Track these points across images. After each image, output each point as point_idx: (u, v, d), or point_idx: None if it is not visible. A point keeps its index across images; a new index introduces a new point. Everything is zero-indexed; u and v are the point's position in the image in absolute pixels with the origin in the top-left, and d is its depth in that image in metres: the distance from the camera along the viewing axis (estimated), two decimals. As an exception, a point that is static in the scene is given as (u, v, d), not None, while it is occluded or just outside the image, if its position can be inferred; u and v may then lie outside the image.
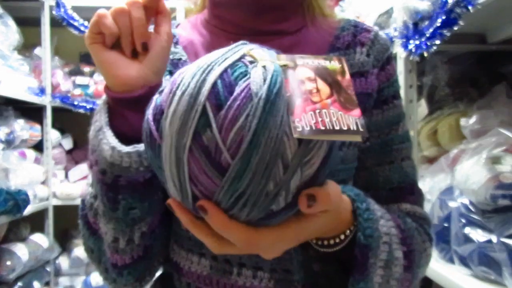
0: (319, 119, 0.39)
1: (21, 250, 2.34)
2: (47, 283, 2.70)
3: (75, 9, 2.70)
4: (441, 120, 1.35)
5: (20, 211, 2.15)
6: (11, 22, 2.38)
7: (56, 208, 2.72)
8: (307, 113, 0.39)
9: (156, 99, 0.43)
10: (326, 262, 0.61)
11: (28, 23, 2.59)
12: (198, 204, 0.40)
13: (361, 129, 0.40)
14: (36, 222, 2.65)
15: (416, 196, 0.68)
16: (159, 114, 0.41)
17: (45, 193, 2.64)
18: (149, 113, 0.43)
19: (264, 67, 0.40)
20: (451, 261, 1.07)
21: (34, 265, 2.49)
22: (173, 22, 0.71)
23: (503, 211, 0.96)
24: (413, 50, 1.14)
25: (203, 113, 0.38)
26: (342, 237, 0.53)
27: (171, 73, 0.65)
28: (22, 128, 2.38)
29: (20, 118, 2.44)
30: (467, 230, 1.00)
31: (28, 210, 2.25)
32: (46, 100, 2.68)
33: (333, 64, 0.43)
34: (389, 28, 1.37)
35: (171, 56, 0.66)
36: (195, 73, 0.40)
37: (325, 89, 0.41)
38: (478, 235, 0.98)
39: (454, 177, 1.09)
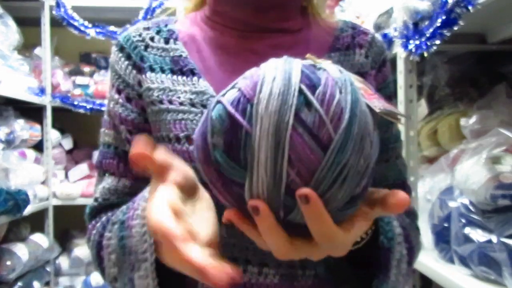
0: (382, 102, 0.44)
1: (21, 250, 2.34)
2: (47, 283, 2.70)
3: (75, 9, 2.70)
4: (441, 120, 1.35)
5: (20, 211, 2.15)
6: (11, 22, 2.38)
7: (56, 208, 2.72)
8: (372, 99, 0.44)
9: (226, 99, 0.42)
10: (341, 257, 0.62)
11: (28, 23, 2.59)
12: (299, 194, 0.38)
13: (404, 114, 0.47)
14: (36, 222, 2.65)
15: (407, 192, 0.71)
16: (244, 103, 0.41)
17: (45, 193, 2.64)
18: (225, 106, 0.41)
19: (329, 63, 0.44)
20: (451, 261, 1.07)
21: (34, 265, 2.49)
22: (171, 18, 0.71)
23: (503, 211, 0.96)
24: (413, 50, 1.14)
25: (300, 93, 0.40)
26: (363, 235, 0.54)
27: (172, 71, 0.65)
28: (22, 128, 2.38)
29: (20, 118, 2.44)
30: (467, 230, 1.00)
31: (28, 210, 2.25)
32: (46, 100, 2.68)
33: (358, 78, 0.48)
34: (389, 28, 1.37)
35: (171, 53, 0.66)
36: (276, 66, 0.42)
37: (368, 88, 0.46)
38: (478, 235, 0.98)
39: (454, 177, 1.09)
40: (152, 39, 0.67)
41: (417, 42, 1.12)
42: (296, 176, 0.39)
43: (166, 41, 0.67)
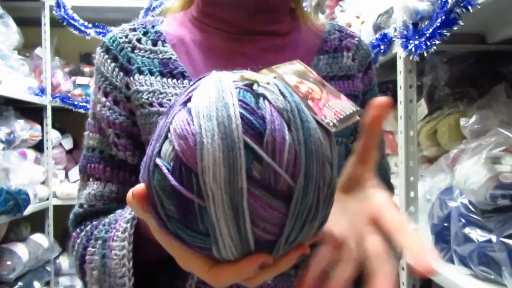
0: (334, 111, 0.41)
1: (21, 250, 2.35)
2: (47, 283, 2.70)
3: (75, 9, 2.70)
4: (441, 120, 1.35)
5: (20, 211, 2.15)
6: (11, 22, 2.38)
7: (56, 208, 2.73)
8: (322, 109, 0.40)
9: (164, 162, 0.37)
10: None
11: (28, 23, 2.60)
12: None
13: (357, 108, 0.44)
14: (36, 222, 2.65)
15: (391, 191, 0.75)
16: (187, 173, 0.36)
17: (45, 193, 2.64)
18: (167, 177, 0.36)
19: (268, 83, 0.39)
20: (451, 261, 1.07)
21: (34, 265, 2.49)
22: (157, 19, 0.70)
23: (503, 210, 0.96)
24: (413, 50, 1.14)
25: (246, 149, 0.35)
26: None
27: (161, 73, 0.64)
28: (22, 128, 2.39)
29: (20, 118, 2.44)
30: (467, 230, 1.00)
31: (28, 210, 2.26)
32: (46, 100, 2.68)
33: (300, 65, 0.45)
34: (389, 28, 1.37)
35: (159, 56, 0.65)
36: (209, 115, 0.36)
37: (314, 87, 0.42)
38: (478, 235, 0.98)
39: (454, 177, 1.09)
40: (139, 40, 0.66)
41: (417, 42, 1.12)
42: (263, 233, 0.37)
43: (154, 43, 0.66)
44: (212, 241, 0.37)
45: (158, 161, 0.37)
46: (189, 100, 0.38)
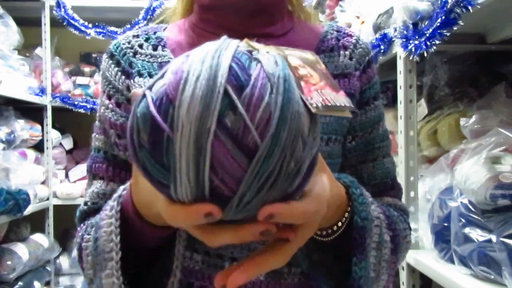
0: (323, 97, 0.41)
1: (21, 250, 2.35)
2: (48, 283, 2.70)
3: (75, 9, 2.71)
4: (441, 120, 1.35)
5: (20, 210, 2.15)
6: (11, 22, 2.39)
7: (56, 208, 2.73)
8: (312, 92, 0.41)
9: (152, 93, 0.40)
10: (324, 251, 0.63)
11: (28, 23, 2.60)
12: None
13: (352, 106, 0.45)
14: (37, 222, 2.65)
15: (396, 191, 0.73)
16: (166, 104, 0.38)
17: (46, 193, 2.65)
18: (149, 105, 0.39)
19: (268, 52, 0.40)
20: (451, 261, 1.07)
21: (34, 265, 2.49)
22: (160, 26, 0.73)
23: (502, 210, 0.97)
24: (413, 50, 1.15)
25: (225, 95, 0.37)
26: (339, 224, 0.56)
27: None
28: (22, 128, 2.39)
29: (21, 118, 2.44)
30: (467, 230, 1.00)
31: (28, 210, 2.26)
32: (46, 100, 2.68)
33: (311, 56, 0.46)
34: (389, 28, 1.37)
35: (159, 59, 0.68)
36: (203, 59, 0.38)
37: (315, 74, 0.43)
38: (477, 235, 0.98)
39: (454, 177, 1.09)
40: (141, 46, 0.69)
41: (417, 42, 1.12)
42: (220, 183, 0.38)
43: (154, 48, 0.69)
44: (172, 177, 0.38)
45: (146, 92, 0.39)
46: None
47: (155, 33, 0.71)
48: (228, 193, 0.38)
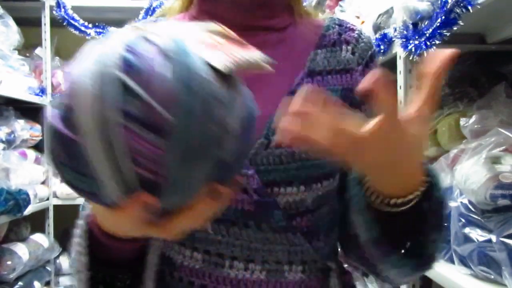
0: (230, 55, 0.40)
1: (21, 250, 2.35)
2: (48, 283, 2.70)
3: (75, 9, 2.70)
4: (441, 120, 1.35)
5: (20, 210, 2.15)
6: (11, 22, 2.38)
7: (57, 208, 2.73)
8: (217, 53, 0.39)
9: (54, 107, 0.38)
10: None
11: (28, 23, 2.60)
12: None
13: (266, 59, 0.42)
14: (37, 221, 2.65)
15: None
16: (66, 112, 0.36)
17: (46, 193, 2.65)
18: (51, 116, 0.37)
19: (160, 30, 0.40)
20: (451, 261, 1.07)
21: (34, 265, 2.49)
22: (159, 19, 0.72)
23: (502, 210, 0.97)
24: (413, 50, 1.15)
25: (122, 85, 0.35)
26: (418, 193, 0.51)
27: None
28: (22, 128, 2.39)
29: (21, 118, 2.44)
30: (467, 229, 1.00)
31: (28, 210, 2.26)
32: (46, 100, 2.68)
33: (213, 25, 0.44)
34: (389, 28, 1.37)
35: None
36: (93, 56, 0.37)
37: (221, 40, 0.42)
38: (477, 235, 0.98)
39: (454, 177, 1.09)
40: None
41: (417, 42, 1.12)
42: (145, 171, 0.36)
43: None
44: (98, 183, 0.37)
45: (48, 107, 0.39)
46: None
47: None
48: (157, 179, 0.37)
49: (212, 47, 0.40)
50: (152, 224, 0.41)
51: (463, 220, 1.02)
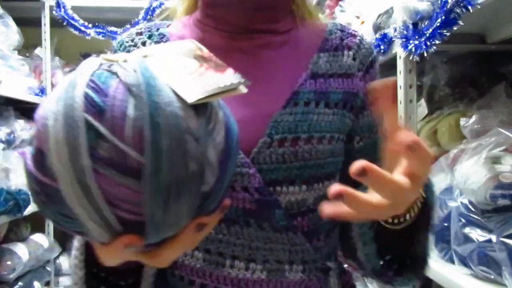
0: (202, 84, 0.38)
1: (21, 250, 2.35)
2: (48, 283, 2.70)
3: (75, 9, 2.70)
4: (441, 120, 1.35)
5: (20, 211, 2.15)
6: (11, 22, 2.38)
7: (57, 208, 2.72)
8: (188, 83, 0.38)
9: (30, 150, 0.38)
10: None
11: (28, 23, 2.59)
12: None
13: (242, 81, 0.40)
14: (37, 222, 2.65)
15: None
16: (40, 156, 0.36)
17: (46, 193, 2.64)
18: (28, 164, 0.37)
19: (125, 61, 0.38)
20: (451, 260, 1.07)
21: (34, 265, 2.49)
22: (164, 22, 0.73)
23: (502, 210, 0.96)
24: (413, 50, 1.15)
25: (88, 127, 0.34)
26: (411, 213, 0.52)
27: None
28: (22, 128, 2.39)
29: (20, 118, 2.44)
30: (467, 229, 1.00)
31: (28, 210, 2.25)
32: (46, 100, 2.68)
33: (189, 44, 0.43)
34: (389, 28, 1.37)
35: None
36: (58, 97, 0.36)
37: (192, 63, 0.41)
38: (477, 235, 0.98)
39: (454, 177, 1.09)
40: (143, 43, 0.69)
41: (417, 42, 1.12)
42: (124, 213, 0.36)
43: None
44: (82, 225, 0.36)
45: (26, 149, 0.38)
46: None
47: (158, 29, 0.71)
48: (138, 218, 0.36)
49: (186, 76, 0.39)
50: (141, 254, 0.41)
51: (463, 220, 1.02)
